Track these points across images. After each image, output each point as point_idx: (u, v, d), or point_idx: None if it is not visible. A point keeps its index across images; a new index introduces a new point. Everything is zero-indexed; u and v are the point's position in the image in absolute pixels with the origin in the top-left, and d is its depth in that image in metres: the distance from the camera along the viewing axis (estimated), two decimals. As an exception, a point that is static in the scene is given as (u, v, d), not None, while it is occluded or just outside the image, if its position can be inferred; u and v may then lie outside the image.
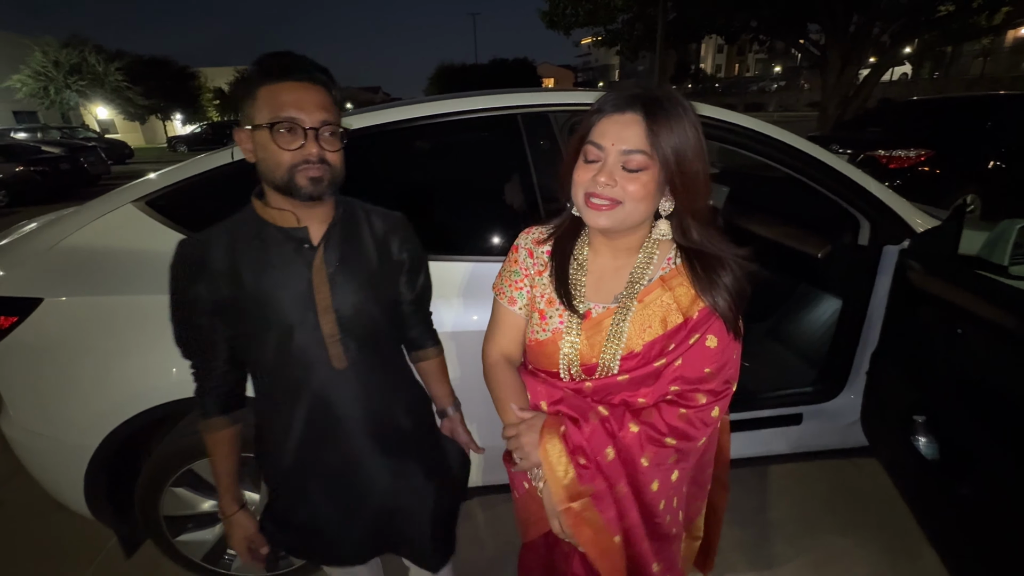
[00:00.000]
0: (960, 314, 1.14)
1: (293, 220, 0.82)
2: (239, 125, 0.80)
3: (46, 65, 20.67)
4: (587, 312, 0.79)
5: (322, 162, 0.77)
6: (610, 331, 0.77)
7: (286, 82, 0.74)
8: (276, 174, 0.76)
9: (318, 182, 0.77)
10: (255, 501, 1.37)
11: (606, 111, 0.70)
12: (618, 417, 0.77)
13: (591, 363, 0.79)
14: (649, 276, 0.78)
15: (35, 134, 14.09)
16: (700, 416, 0.76)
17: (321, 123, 0.76)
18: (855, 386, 1.62)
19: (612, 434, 0.76)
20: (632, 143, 0.67)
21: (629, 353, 0.77)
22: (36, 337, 1.19)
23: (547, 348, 0.82)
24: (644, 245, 0.79)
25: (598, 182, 0.69)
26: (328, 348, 0.85)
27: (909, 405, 1.29)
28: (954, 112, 5.21)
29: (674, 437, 0.76)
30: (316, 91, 0.77)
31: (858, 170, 1.46)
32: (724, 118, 1.38)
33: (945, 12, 9.70)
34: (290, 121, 0.73)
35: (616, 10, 11.93)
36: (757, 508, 1.76)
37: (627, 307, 0.77)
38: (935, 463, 1.19)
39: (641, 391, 0.79)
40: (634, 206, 0.70)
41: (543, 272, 0.84)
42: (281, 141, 0.74)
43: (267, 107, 0.74)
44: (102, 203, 1.30)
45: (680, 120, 0.67)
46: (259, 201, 0.84)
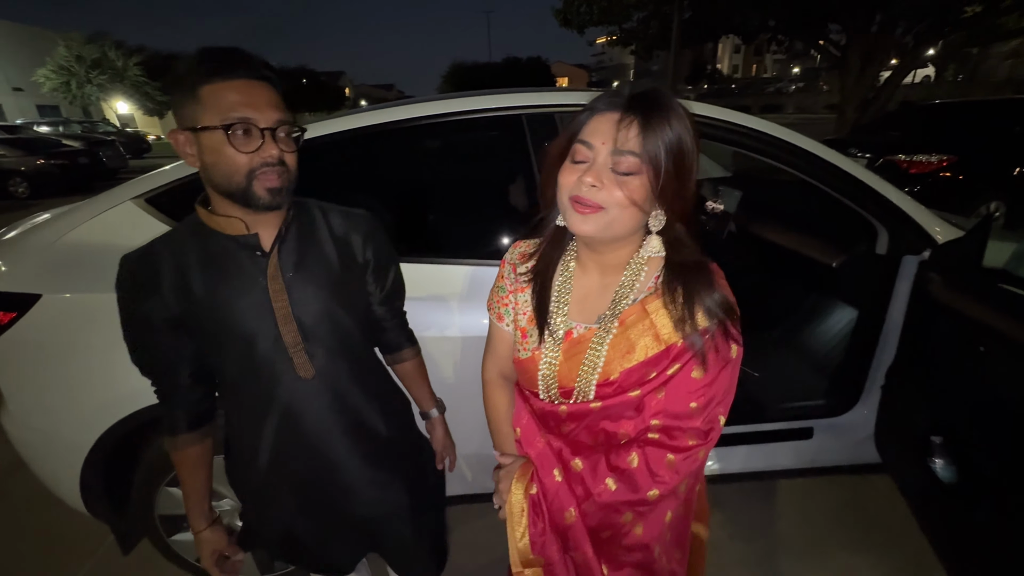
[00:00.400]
0: (983, 331, 1.08)
1: (242, 227, 0.76)
2: (175, 128, 0.73)
3: (69, 60, 21.11)
4: (568, 332, 0.74)
5: (281, 164, 0.72)
6: (588, 353, 0.71)
7: (234, 80, 0.69)
8: (232, 180, 0.71)
9: (277, 193, 0.72)
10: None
11: (598, 109, 0.65)
12: (593, 468, 0.71)
13: (568, 386, 0.74)
14: (633, 296, 0.71)
15: (57, 128, 14.39)
16: (688, 463, 0.69)
17: (277, 122, 0.71)
18: (869, 401, 1.56)
19: (580, 497, 0.72)
20: (624, 144, 0.61)
21: (605, 380, 0.71)
22: (35, 333, 1.19)
23: (527, 367, 0.77)
24: (631, 261, 0.72)
25: (584, 183, 0.63)
26: (292, 358, 0.81)
27: (926, 425, 1.23)
28: (979, 116, 5.05)
29: (657, 488, 0.69)
30: (266, 89, 0.72)
31: (876, 176, 1.40)
32: (734, 120, 1.33)
33: (972, 13, 9.42)
34: (245, 121, 0.68)
35: (631, 8, 11.80)
36: (764, 522, 1.71)
37: (608, 329, 0.71)
38: (952, 487, 1.13)
39: (622, 423, 0.73)
40: (619, 212, 0.64)
41: (525, 289, 0.79)
42: (237, 143, 0.69)
43: (215, 107, 0.68)
44: (102, 200, 1.30)
45: (677, 124, 0.61)
46: (204, 209, 0.78)
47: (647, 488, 0.68)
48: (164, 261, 0.77)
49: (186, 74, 0.69)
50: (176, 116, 0.72)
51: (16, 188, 8.92)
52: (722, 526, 1.69)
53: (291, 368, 0.81)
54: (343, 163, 1.39)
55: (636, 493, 0.69)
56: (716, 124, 1.33)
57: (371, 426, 0.91)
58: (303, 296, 0.80)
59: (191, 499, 0.91)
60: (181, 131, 0.72)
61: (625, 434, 0.73)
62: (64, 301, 1.20)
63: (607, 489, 0.69)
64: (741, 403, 0.76)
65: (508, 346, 0.85)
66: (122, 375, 1.20)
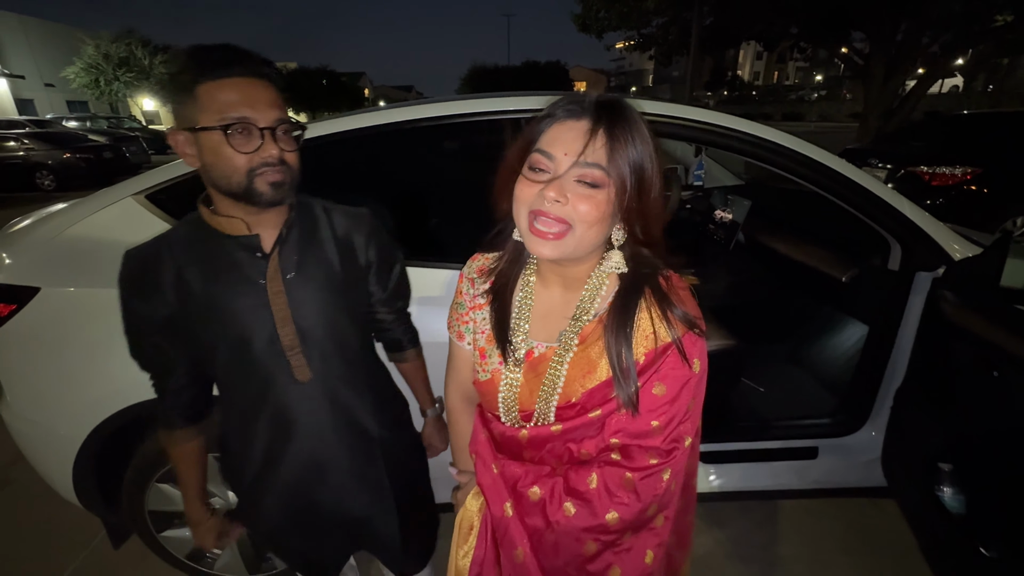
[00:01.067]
0: (998, 354, 1.03)
1: (243, 228, 0.76)
2: (172, 128, 0.72)
3: (97, 58, 21.74)
4: (529, 352, 0.69)
5: (282, 163, 0.71)
6: (548, 374, 0.67)
7: (230, 78, 0.68)
8: (232, 180, 0.70)
9: (279, 187, 0.71)
10: (239, 502, 1.36)
11: (558, 116, 0.60)
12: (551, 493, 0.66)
13: (529, 409, 0.69)
14: (593, 312, 0.67)
15: (84, 123, 14.83)
16: (649, 483, 0.63)
17: (276, 121, 0.70)
18: (877, 422, 1.50)
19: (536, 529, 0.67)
20: (589, 155, 0.57)
21: (566, 402, 0.66)
22: (33, 326, 1.20)
23: (487, 389, 0.73)
24: (592, 275, 0.67)
25: (546, 197, 0.57)
26: (289, 360, 0.80)
27: (935, 451, 1.17)
28: (1006, 128, 4.88)
29: (616, 510, 0.63)
30: (264, 87, 0.70)
31: (890, 189, 1.35)
32: (744, 129, 1.30)
33: (1002, 22, 9.17)
34: (243, 121, 0.67)
35: (650, 14, 11.75)
36: (765, 543, 1.65)
37: (567, 347, 0.66)
38: (960, 518, 1.07)
39: (584, 443, 0.68)
40: (585, 230, 0.59)
41: (483, 306, 0.75)
42: (236, 143, 0.68)
43: (212, 107, 0.67)
44: (104, 196, 1.31)
45: (641, 135, 0.58)
46: (206, 208, 0.78)
47: (604, 511, 0.63)
48: (165, 258, 0.77)
49: (181, 72, 0.68)
50: (174, 116, 0.72)
51: (43, 180, 9.19)
52: (720, 544, 1.64)
53: (287, 371, 0.81)
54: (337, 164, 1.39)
55: (595, 518, 0.64)
56: (728, 133, 1.29)
57: (364, 426, 0.91)
58: (302, 298, 0.80)
59: (190, 492, 0.92)
60: (180, 131, 0.71)
61: (587, 453, 0.68)
62: (62, 295, 1.21)
63: (565, 515, 0.65)
64: (744, 419, 0.72)
65: (470, 366, 0.80)
66: (116, 370, 1.22)
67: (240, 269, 0.77)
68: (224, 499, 1.35)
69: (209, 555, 1.43)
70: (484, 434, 0.75)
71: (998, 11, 8.94)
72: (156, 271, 0.77)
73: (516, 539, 0.67)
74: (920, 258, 1.34)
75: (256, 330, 0.78)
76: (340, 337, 0.85)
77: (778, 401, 1.80)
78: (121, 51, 22.06)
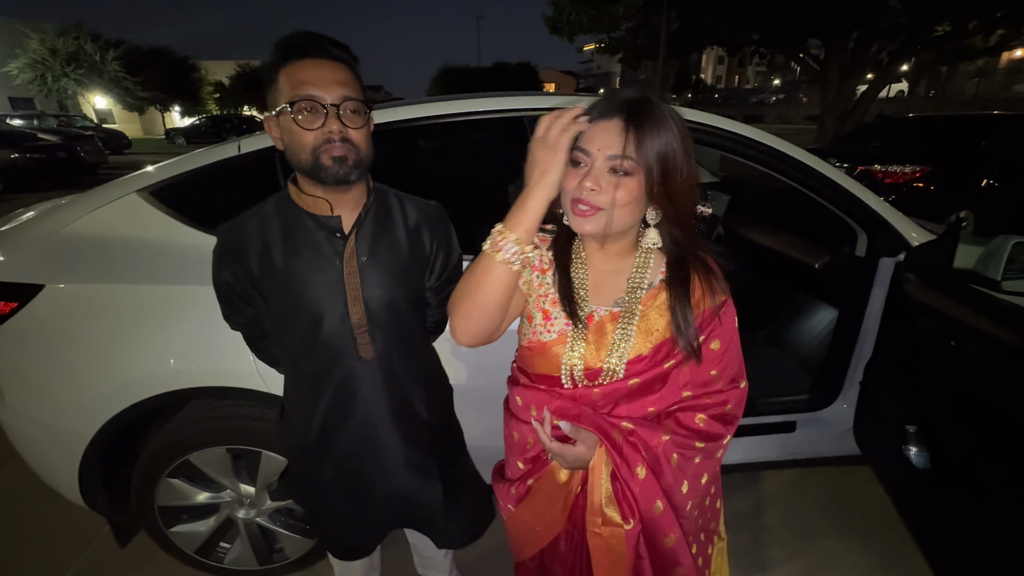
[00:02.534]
0: (954, 326, 1.16)
1: (326, 208, 0.81)
2: (267, 114, 0.79)
3: (42, 53, 20.50)
4: (590, 315, 0.79)
5: (344, 141, 0.75)
6: (616, 335, 0.76)
7: (303, 60, 0.74)
8: (301, 157, 0.75)
9: (342, 162, 0.75)
10: (251, 495, 1.37)
11: (593, 117, 0.70)
12: (648, 428, 0.76)
13: (596, 367, 0.77)
14: (648, 281, 0.78)
15: (31, 121, 13.97)
16: (720, 416, 0.78)
17: (341, 99, 0.74)
18: (849, 395, 1.64)
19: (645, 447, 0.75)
20: (618, 149, 0.67)
21: (637, 356, 0.76)
22: (36, 323, 1.19)
23: (552, 349, 0.79)
24: (638, 252, 0.79)
25: (584, 187, 0.69)
26: (356, 338, 0.86)
27: (901, 416, 1.31)
28: (950, 130, 5.29)
29: (701, 440, 0.77)
30: (334, 67, 0.75)
31: (856, 182, 1.48)
32: (724, 127, 1.40)
33: (942, 32, 9.87)
34: (309, 99, 0.72)
35: (619, 18, 12.02)
36: (751, 513, 1.77)
37: (632, 311, 0.77)
38: (925, 473, 1.21)
39: (649, 398, 0.78)
40: (619, 212, 0.70)
41: (547, 271, 0.83)
42: (302, 121, 0.73)
43: (287, 88, 0.73)
44: (106, 191, 1.30)
45: (666, 128, 0.68)
46: (294, 187, 0.83)
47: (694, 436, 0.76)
48: (252, 232, 0.83)
49: (270, 63, 0.75)
50: (267, 104, 0.78)
51: (-12, 182, 8.65)
52: (710, 517, 1.75)
53: (353, 348, 0.86)
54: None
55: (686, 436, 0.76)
56: (707, 130, 1.39)
57: (416, 410, 0.96)
58: (372, 280, 0.85)
59: None
60: (270, 117, 0.77)
61: (653, 410, 0.79)
62: (66, 292, 1.20)
63: (661, 440, 0.75)
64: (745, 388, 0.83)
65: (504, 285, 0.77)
66: (124, 366, 1.22)
67: (319, 247, 0.83)
68: (236, 491, 1.36)
69: (220, 548, 1.44)
70: (556, 399, 0.80)
71: (938, 22, 9.61)
72: (244, 243, 0.83)
73: (632, 459, 0.74)
74: (884, 245, 1.48)
75: (329, 306, 0.84)
76: (401, 320, 0.91)
77: (759, 380, 1.91)
78: (69, 46, 20.85)
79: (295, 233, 0.83)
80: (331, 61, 0.76)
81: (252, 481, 1.36)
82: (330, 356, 0.87)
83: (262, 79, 0.77)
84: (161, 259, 1.24)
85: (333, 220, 0.82)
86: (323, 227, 0.83)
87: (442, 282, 1.00)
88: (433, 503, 1.01)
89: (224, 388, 1.25)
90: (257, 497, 1.37)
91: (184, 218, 1.27)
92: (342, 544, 1.04)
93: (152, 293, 1.22)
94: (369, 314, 0.86)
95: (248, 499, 1.38)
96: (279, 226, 0.83)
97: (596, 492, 0.75)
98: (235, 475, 1.35)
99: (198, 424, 1.27)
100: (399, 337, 0.91)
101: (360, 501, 0.97)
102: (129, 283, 1.22)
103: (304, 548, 1.43)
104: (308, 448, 0.93)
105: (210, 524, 1.40)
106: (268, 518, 1.40)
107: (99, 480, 1.32)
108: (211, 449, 1.28)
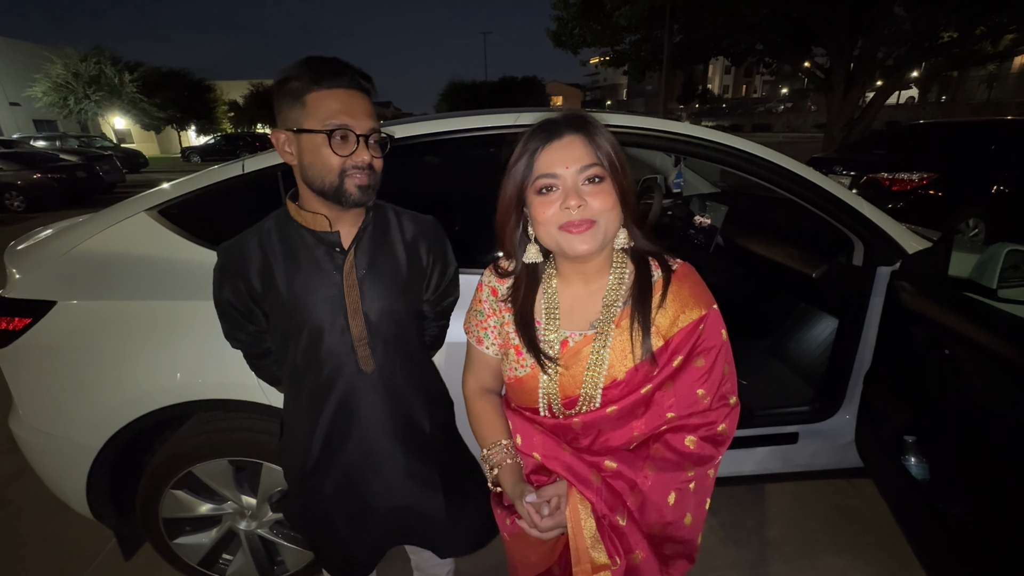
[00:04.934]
0: (948, 336, 1.15)
1: (326, 224, 0.84)
2: (275, 127, 0.81)
3: (66, 77, 21.26)
4: (564, 341, 0.77)
5: (370, 169, 0.80)
6: (591, 359, 0.74)
7: (337, 89, 0.77)
8: (326, 179, 0.78)
9: (366, 190, 0.80)
10: (253, 506, 1.39)
11: (539, 146, 0.70)
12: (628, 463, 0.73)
13: (573, 395, 0.76)
14: (623, 298, 0.76)
15: (54, 142, 14.45)
16: (711, 438, 0.74)
17: (370, 130, 0.79)
18: (851, 406, 1.62)
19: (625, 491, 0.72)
20: (587, 159, 0.69)
21: (612, 382, 0.73)
22: (48, 338, 1.23)
23: (527, 384, 0.79)
24: (613, 266, 0.77)
25: (569, 207, 0.68)
26: (356, 351, 0.88)
27: (900, 426, 1.29)
28: (959, 136, 5.24)
29: (692, 464, 0.73)
30: (363, 98, 0.80)
31: (851, 192, 1.49)
32: (720, 140, 1.42)
33: (948, 38, 9.80)
34: (344, 128, 0.76)
35: (622, 31, 12.15)
36: (755, 527, 1.75)
37: (606, 333, 0.74)
38: (925, 484, 1.19)
39: (633, 424, 0.75)
40: (607, 218, 0.70)
41: (510, 309, 0.82)
42: (335, 146, 0.76)
43: (318, 114, 0.76)
44: (116, 211, 1.35)
45: (604, 131, 0.71)
46: (293, 204, 0.86)
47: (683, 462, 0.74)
48: (253, 249, 0.86)
49: (293, 80, 0.77)
50: (279, 118, 0.81)
51: (11, 202, 8.95)
52: (714, 530, 1.73)
53: (353, 361, 0.88)
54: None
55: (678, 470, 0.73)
56: (704, 144, 1.41)
57: (418, 422, 0.97)
58: (371, 294, 0.88)
59: None
60: (283, 131, 0.80)
61: (638, 435, 0.76)
62: (78, 308, 1.24)
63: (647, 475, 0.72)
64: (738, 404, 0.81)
65: (488, 367, 0.88)
66: (131, 380, 1.26)
67: (319, 263, 0.85)
68: (237, 503, 1.39)
69: (222, 560, 1.46)
70: (539, 430, 0.79)
71: (943, 28, 9.56)
72: (245, 260, 0.86)
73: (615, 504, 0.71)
74: (880, 254, 1.48)
75: (330, 320, 0.86)
76: (401, 333, 0.93)
77: (760, 392, 1.92)
78: (91, 69, 21.62)
79: (295, 249, 0.86)
80: (360, 92, 0.80)
81: (253, 493, 1.38)
82: (331, 370, 0.88)
83: (279, 92, 0.79)
84: (168, 276, 1.28)
85: (332, 235, 0.85)
86: (323, 242, 0.85)
87: (439, 295, 1.02)
88: (434, 515, 1.01)
89: (228, 401, 1.28)
90: (259, 509, 1.39)
91: (190, 236, 1.32)
92: (341, 562, 1.04)
93: (160, 309, 1.25)
94: (369, 327, 0.88)
95: (250, 511, 1.40)
96: (279, 242, 0.86)
97: (579, 538, 0.70)
98: (237, 487, 1.38)
99: (202, 436, 1.30)
100: (399, 350, 0.93)
101: (361, 515, 0.97)
102: (138, 299, 1.26)
103: (305, 560, 1.44)
104: (311, 464, 0.93)
105: (213, 536, 1.42)
106: (269, 530, 1.42)
107: (106, 492, 1.35)
108: (214, 461, 1.31)
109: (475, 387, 0.91)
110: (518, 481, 0.76)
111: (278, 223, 0.88)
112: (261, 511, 1.40)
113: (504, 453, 0.80)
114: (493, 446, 0.82)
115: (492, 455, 0.81)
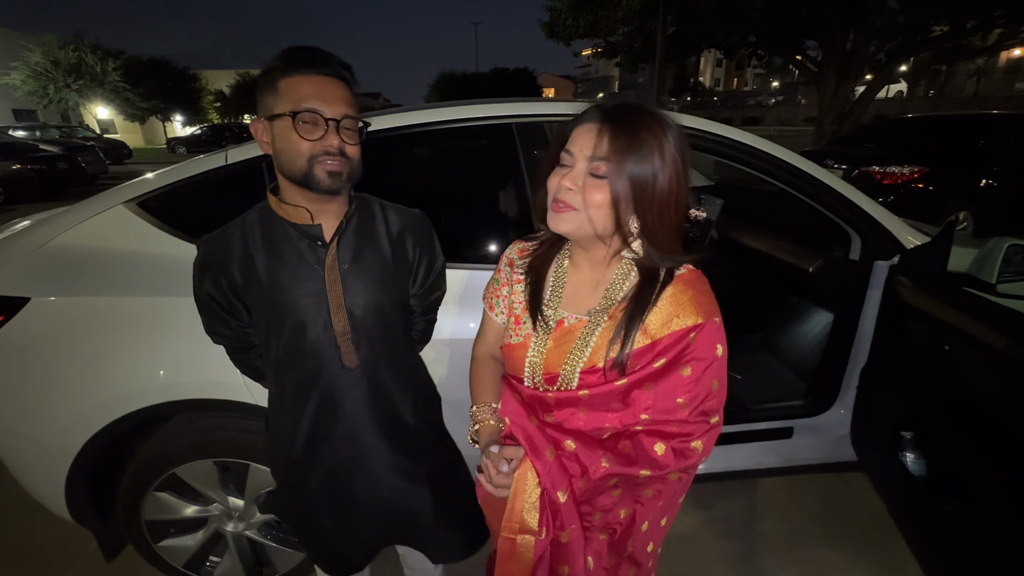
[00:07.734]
0: (947, 331, 1.15)
1: (307, 217, 0.82)
2: (256, 117, 0.80)
3: (45, 64, 20.68)
4: (560, 321, 0.79)
5: (341, 155, 0.77)
6: (577, 342, 0.76)
7: (310, 75, 0.75)
8: (296, 164, 0.77)
9: (336, 176, 0.78)
10: (239, 508, 1.36)
11: (580, 120, 0.71)
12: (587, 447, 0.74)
13: (554, 372, 0.77)
14: (624, 293, 0.77)
15: (34, 132, 14.06)
16: (681, 451, 0.72)
17: (342, 116, 0.77)
18: (845, 400, 1.62)
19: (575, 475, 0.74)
20: (596, 151, 0.67)
21: (591, 367, 0.74)
22: (22, 337, 1.18)
23: (516, 352, 0.82)
24: (622, 262, 0.78)
25: (563, 186, 0.70)
26: (340, 346, 0.86)
27: (897, 421, 1.29)
28: (948, 130, 5.27)
29: (649, 468, 0.72)
30: (339, 85, 0.78)
31: (849, 185, 1.47)
32: (716, 131, 1.40)
33: (939, 32, 9.87)
34: (312, 112, 0.74)
35: (616, 22, 12.05)
36: (746, 521, 1.75)
37: (598, 321, 0.76)
38: (922, 479, 1.19)
39: (607, 415, 0.76)
40: (593, 213, 0.69)
41: (522, 280, 0.85)
42: (302, 131, 0.75)
43: (289, 98, 0.75)
44: (93, 203, 1.30)
45: (650, 135, 0.65)
46: (274, 197, 0.84)
47: (640, 464, 0.72)
48: (235, 243, 0.83)
49: (271, 69, 0.76)
50: (258, 108, 0.79)
51: (-10, 193, 8.70)
52: (705, 524, 1.73)
53: (337, 356, 0.86)
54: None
55: (631, 467, 0.73)
56: (700, 135, 1.39)
57: (403, 417, 0.96)
58: (355, 288, 0.86)
59: None
60: (260, 120, 0.79)
61: (611, 428, 0.76)
62: (53, 305, 1.19)
63: (602, 466, 0.73)
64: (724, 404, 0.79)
65: (497, 333, 0.91)
66: (111, 379, 1.21)
67: (301, 256, 0.83)
68: (224, 504, 1.35)
69: (209, 563, 1.42)
70: (515, 398, 0.81)
71: (935, 22, 9.61)
72: (226, 254, 0.83)
73: (559, 482, 0.74)
74: (878, 248, 1.47)
75: (312, 315, 0.84)
76: (386, 328, 0.91)
77: (755, 386, 1.91)
78: (71, 57, 21.03)
79: (277, 242, 0.84)
80: (336, 79, 0.78)
81: (240, 494, 1.34)
82: (314, 365, 0.87)
83: (259, 83, 0.78)
84: (148, 271, 1.24)
85: (314, 228, 0.83)
86: (305, 236, 0.83)
87: (426, 289, 1.00)
88: (422, 510, 1.00)
89: (212, 400, 1.24)
90: (246, 510, 1.36)
91: (171, 229, 1.27)
92: (331, 557, 1.02)
93: (140, 305, 1.21)
94: (353, 322, 0.86)
95: (237, 512, 1.36)
96: (261, 236, 0.84)
97: (518, 500, 0.73)
98: (223, 488, 1.34)
99: (185, 437, 1.26)
100: (384, 345, 0.91)
101: (347, 510, 0.96)
102: (116, 295, 1.21)
103: (293, 561, 1.41)
104: (294, 460, 0.92)
105: (198, 538, 1.38)
106: (257, 531, 1.39)
107: (86, 494, 1.31)
108: (198, 462, 1.27)
109: (483, 351, 0.93)
110: (492, 440, 0.79)
111: (262, 215, 0.86)
112: (248, 512, 1.36)
113: (488, 413, 0.83)
114: (482, 405, 0.84)
115: (478, 412, 0.84)
